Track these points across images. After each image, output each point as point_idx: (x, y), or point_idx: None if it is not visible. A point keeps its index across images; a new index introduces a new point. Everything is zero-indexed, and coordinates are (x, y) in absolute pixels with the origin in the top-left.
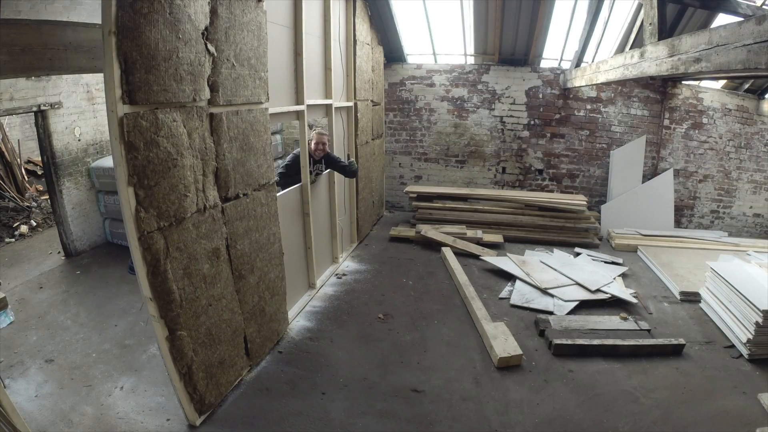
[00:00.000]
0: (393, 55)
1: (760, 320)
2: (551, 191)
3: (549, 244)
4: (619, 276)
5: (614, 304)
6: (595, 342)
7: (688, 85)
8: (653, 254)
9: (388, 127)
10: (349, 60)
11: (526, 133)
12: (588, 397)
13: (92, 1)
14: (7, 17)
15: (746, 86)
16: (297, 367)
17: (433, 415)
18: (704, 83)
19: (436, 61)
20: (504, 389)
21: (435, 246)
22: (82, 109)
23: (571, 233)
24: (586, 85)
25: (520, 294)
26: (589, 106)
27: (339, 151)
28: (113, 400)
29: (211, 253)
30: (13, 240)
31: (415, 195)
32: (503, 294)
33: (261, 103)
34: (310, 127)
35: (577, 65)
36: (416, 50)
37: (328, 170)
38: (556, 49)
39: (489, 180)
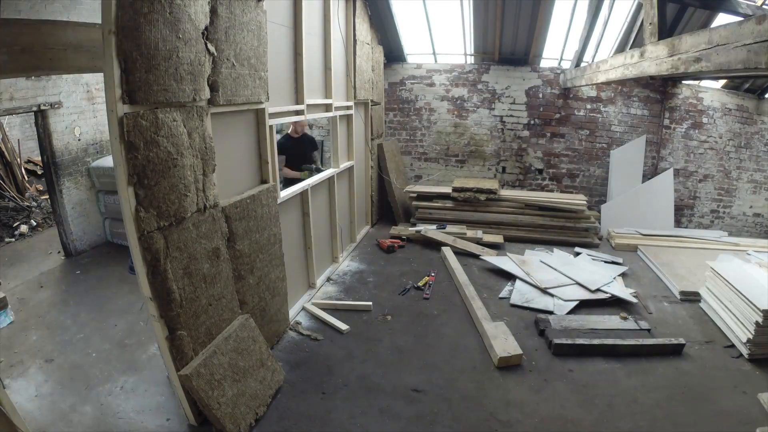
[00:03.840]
0: (393, 54)
1: (760, 320)
2: (551, 191)
3: (549, 243)
4: (619, 276)
5: (614, 303)
6: (595, 342)
7: (688, 84)
8: (653, 254)
9: (388, 127)
10: (349, 60)
11: (526, 133)
12: (588, 397)
13: (92, 1)
14: (7, 17)
15: (746, 86)
16: (297, 367)
17: (433, 415)
18: (704, 83)
19: (436, 61)
20: (504, 389)
21: (435, 245)
22: (82, 108)
23: (571, 233)
24: (586, 85)
25: (520, 293)
26: (589, 106)
27: (340, 150)
28: (113, 399)
29: (211, 252)
30: (13, 240)
31: (415, 195)
32: (503, 294)
33: (261, 102)
34: (310, 126)
35: (577, 65)
36: (416, 50)
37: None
38: (556, 48)
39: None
